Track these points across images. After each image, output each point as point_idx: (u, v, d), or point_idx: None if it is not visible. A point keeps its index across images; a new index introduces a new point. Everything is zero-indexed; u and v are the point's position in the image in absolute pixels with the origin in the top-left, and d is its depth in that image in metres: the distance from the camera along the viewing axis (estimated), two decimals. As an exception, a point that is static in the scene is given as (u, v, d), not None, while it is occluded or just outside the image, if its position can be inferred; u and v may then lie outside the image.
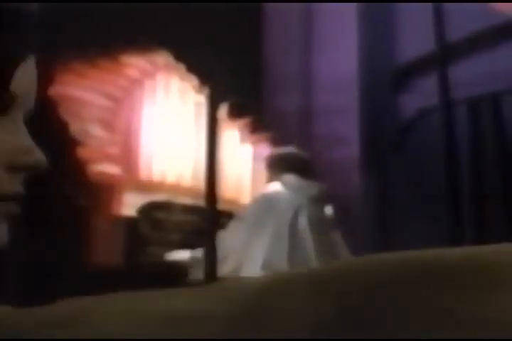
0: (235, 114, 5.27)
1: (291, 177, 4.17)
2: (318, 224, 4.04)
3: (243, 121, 5.38)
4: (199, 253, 3.90)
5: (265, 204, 4.05)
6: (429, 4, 4.66)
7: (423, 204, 4.98)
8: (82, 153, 4.47)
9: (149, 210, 4.39)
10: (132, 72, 4.84)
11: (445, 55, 4.71)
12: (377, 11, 5.50)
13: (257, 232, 3.99)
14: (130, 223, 4.31)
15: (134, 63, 4.84)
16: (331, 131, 5.47)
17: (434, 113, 4.88)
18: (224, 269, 3.83)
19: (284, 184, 4.12)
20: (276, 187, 4.11)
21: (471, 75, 4.60)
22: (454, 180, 4.63)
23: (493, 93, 4.31)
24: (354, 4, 5.48)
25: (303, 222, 3.99)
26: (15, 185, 0.74)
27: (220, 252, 3.73)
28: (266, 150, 4.88)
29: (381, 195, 5.33)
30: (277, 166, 4.24)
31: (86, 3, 4.26)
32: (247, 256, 3.98)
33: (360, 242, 4.88)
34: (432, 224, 4.79)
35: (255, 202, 4.14)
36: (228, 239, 4.01)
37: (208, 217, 3.84)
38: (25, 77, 0.74)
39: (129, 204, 4.42)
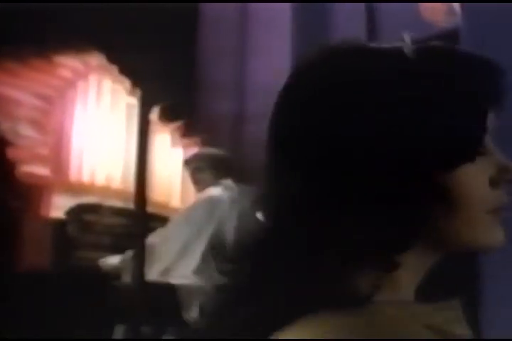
0: (167, 117, 5.25)
1: (229, 183, 4.17)
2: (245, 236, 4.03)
3: (175, 125, 5.37)
4: (129, 256, 3.87)
5: (209, 208, 4.04)
6: (363, 13, 4.72)
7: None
8: (12, 153, 4.41)
9: (78, 212, 4.34)
10: (65, 72, 4.79)
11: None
12: (312, 18, 5.53)
13: (195, 236, 3.98)
14: (59, 225, 4.26)
15: (67, 63, 4.79)
16: (263, 136, 5.47)
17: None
18: (153, 272, 3.81)
19: (226, 189, 4.11)
20: (218, 191, 4.10)
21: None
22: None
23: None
24: (289, 10, 5.51)
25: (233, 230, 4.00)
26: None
27: (151, 253, 3.71)
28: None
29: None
30: (216, 169, 4.22)
31: (20, 3, 4.20)
32: (180, 259, 3.96)
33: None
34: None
35: (198, 205, 4.10)
36: (163, 240, 3.99)
37: (137, 219, 3.82)
38: None
39: (59, 206, 4.37)
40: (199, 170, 4.25)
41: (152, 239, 3.94)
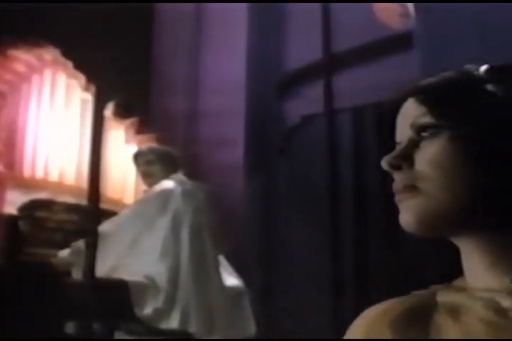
0: (121, 113, 5.24)
1: (181, 177, 4.19)
2: (200, 231, 4.06)
3: (129, 121, 5.36)
4: (78, 248, 3.85)
5: (161, 201, 4.04)
6: (319, 14, 4.76)
7: (306, 206, 5.07)
8: (-36, 148, 4.37)
9: (31, 209, 4.31)
10: (19, 66, 4.76)
11: (331, 64, 4.82)
12: (268, 19, 5.56)
13: (146, 229, 3.98)
14: (11, 221, 4.22)
15: (21, 58, 4.75)
16: (216, 133, 5.51)
17: (318, 120, 4.98)
18: (104, 267, 3.80)
19: (178, 183, 4.12)
20: (171, 184, 4.10)
21: (355, 85, 4.71)
22: (335, 183, 4.73)
23: (376, 103, 4.43)
24: (245, 9, 5.53)
25: (187, 228, 4.00)
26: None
27: (103, 241, 3.70)
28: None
29: (264, 197, 5.40)
30: (167, 164, 4.23)
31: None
32: (130, 254, 3.96)
33: (243, 243, 4.93)
34: (314, 226, 4.89)
35: (151, 198, 4.10)
36: (114, 230, 3.98)
37: (90, 216, 3.81)
38: None
39: (11, 202, 4.33)
40: (150, 163, 4.25)
41: (104, 227, 3.93)
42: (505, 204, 0.91)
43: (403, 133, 0.98)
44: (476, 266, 0.93)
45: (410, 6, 4.41)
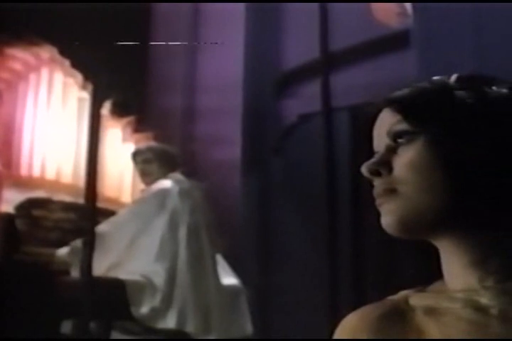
0: (118, 112, 5.24)
1: (179, 176, 4.18)
2: (198, 231, 4.05)
3: (126, 120, 5.35)
4: (77, 247, 3.84)
5: (159, 201, 4.03)
6: (316, 13, 4.75)
7: (302, 205, 5.07)
8: (-39, 147, 4.37)
9: (28, 207, 4.30)
10: (16, 65, 4.75)
11: (328, 63, 4.81)
12: (265, 17, 5.56)
13: (143, 230, 3.98)
14: (8, 220, 4.22)
15: (19, 56, 4.75)
16: (213, 132, 5.51)
17: (315, 118, 4.97)
18: (101, 266, 3.80)
19: (176, 182, 4.12)
20: (168, 184, 4.10)
21: (353, 84, 4.71)
22: (332, 183, 4.73)
23: (373, 102, 4.42)
24: (242, 8, 5.52)
25: (185, 227, 4.00)
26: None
27: (101, 242, 3.70)
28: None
29: (260, 196, 5.40)
30: (164, 163, 4.23)
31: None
32: (127, 254, 3.96)
33: (241, 242, 4.93)
34: (310, 225, 4.89)
35: (148, 198, 4.10)
36: (112, 231, 3.98)
37: (87, 215, 3.81)
38: None
39: (8, 201, 4.33)
40: (147, 161, 4.25)
41: (102, 227, 3.93)
42: (480, 206, 0.95)
43: (380, 142, 1.02)
44: (455, 267, 0.96)
45: (408, 4, 4.41)
